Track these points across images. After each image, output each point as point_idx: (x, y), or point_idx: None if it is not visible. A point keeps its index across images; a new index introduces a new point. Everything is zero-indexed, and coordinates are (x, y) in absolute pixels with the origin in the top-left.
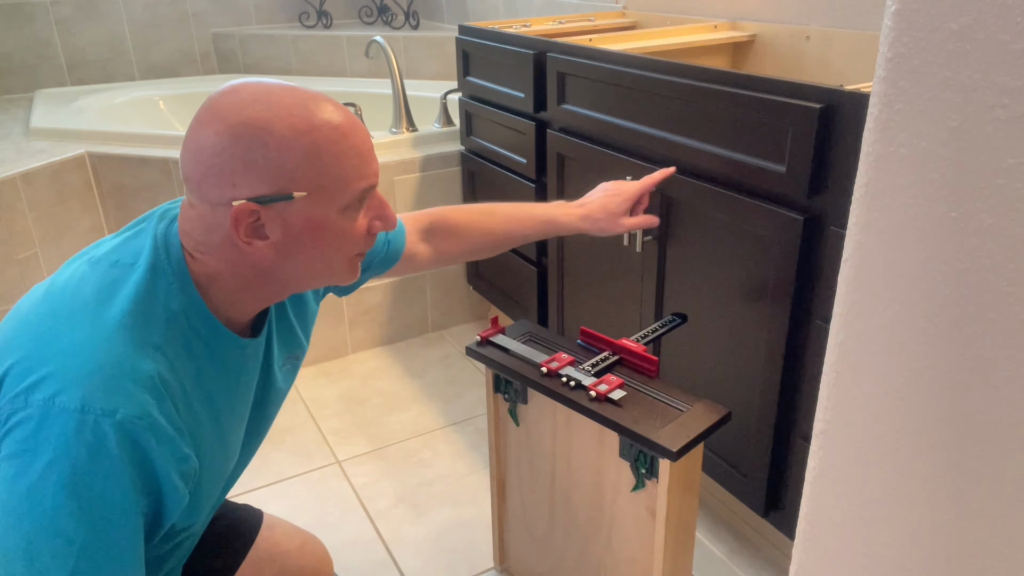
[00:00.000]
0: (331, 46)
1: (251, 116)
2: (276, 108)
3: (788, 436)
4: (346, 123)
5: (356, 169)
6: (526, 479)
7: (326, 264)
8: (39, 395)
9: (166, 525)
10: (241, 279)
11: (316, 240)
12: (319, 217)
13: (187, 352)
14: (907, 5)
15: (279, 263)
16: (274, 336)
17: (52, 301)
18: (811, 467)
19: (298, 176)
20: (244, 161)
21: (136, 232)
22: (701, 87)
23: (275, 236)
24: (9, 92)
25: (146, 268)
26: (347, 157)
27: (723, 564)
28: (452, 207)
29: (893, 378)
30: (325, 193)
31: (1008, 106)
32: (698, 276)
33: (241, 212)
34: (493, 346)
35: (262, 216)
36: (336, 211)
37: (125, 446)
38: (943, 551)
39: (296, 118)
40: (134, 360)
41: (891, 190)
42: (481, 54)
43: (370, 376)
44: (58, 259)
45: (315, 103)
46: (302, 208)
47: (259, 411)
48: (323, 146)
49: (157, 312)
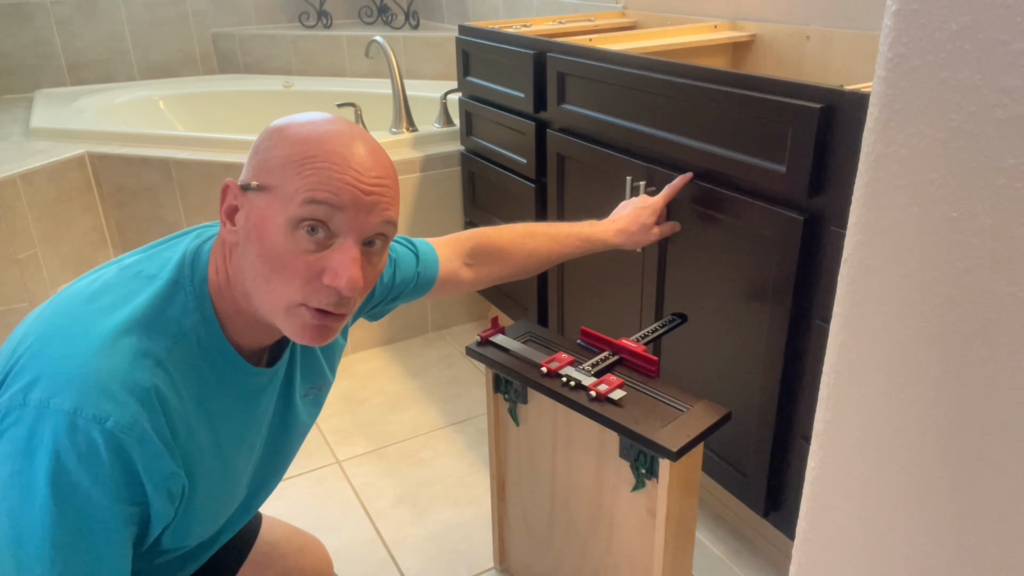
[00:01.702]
0: (331, 46)
1: (287, 122)
2: (305, 121)
3: (788, 436)
4: (343, 152)
5: (315, 185)
6: (526, 479)
7: (267, 284)
8: (35, 395)
9: (150, 538)
10: (239, 290)
11: (259, 244)
12: (266, 218)
13: (192, 371)
14: (907, 5)
15: (237, 263)
16: (297, 368)
17: (70, 302)
18: (811, 467)
19: (272, 171)
20: (253, 151)
21: (170, 244)
22: (701, 87)
23: (239, 224)
24: (9, 92)
25: (166, 282)
26: (316, 172)
27: (723, 564)
28: (491, 228)
29: (893, 378)
30: (281, 196)
31: (1008, 106)
32: (698, 276)
33: (226, 188)
34: (493, 346)
35: (239, 202)
36: (283, 219)
37: (113, 453)
38: (943, 551)
39: (308, 130)
40: (131, 370)
41: (891, 190)
42: (481, 54)
43: (370, 376)
44: (58, 259)
45: (340, 130)
46: (260, 204)
47: (275, 444)
48: (304, 155)
49: (167, 326)
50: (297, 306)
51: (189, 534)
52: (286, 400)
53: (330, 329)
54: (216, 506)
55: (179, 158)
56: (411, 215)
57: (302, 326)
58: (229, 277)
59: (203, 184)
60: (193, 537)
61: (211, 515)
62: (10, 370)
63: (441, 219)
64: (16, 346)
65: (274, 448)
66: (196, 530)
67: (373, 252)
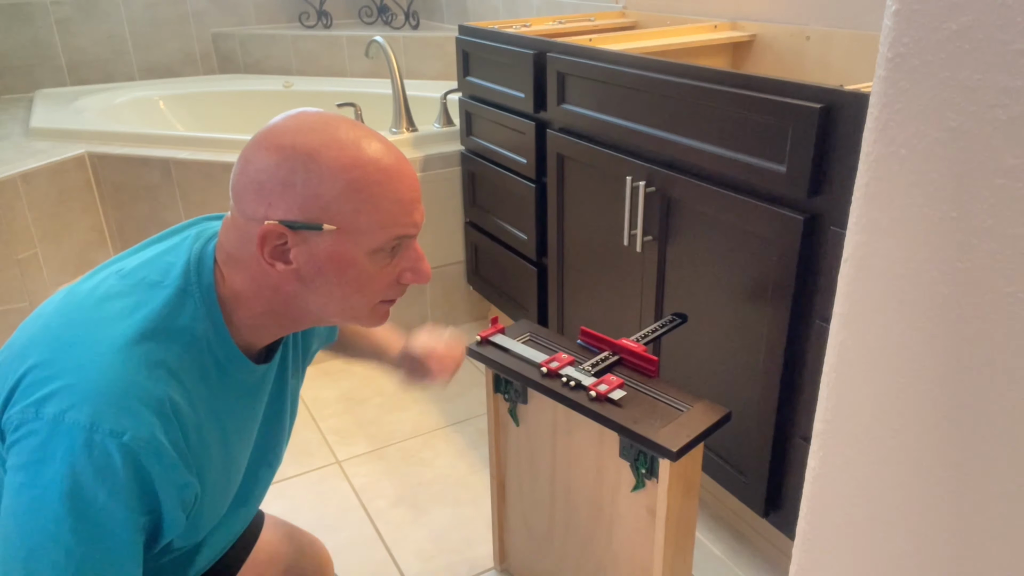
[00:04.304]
0: (331, 46)
1: (303, 142)
2: (328, 139)
3: (788, 436)
4: (394, 167)
5: (392, 216)
6: (526, 479)
7: (347, 303)
8: (50, 408)
9: (162, 543)
10: (264, 301)
11: (339, 276)
12: (345, 255)
13: (202, 377)
14: (907, 5)
15: (299, 291)
16: (290, 353)
17: (74, 309)
18: (811, 467)
19: (332, 209)
20: (284, 183)
21: (169, 247)
22: (701, 87)
23: (298, 263)
24: (9, 92)
25: (175, 290)
26: (386, 201)
27: (723, 564)
28: None
29: (893, 378)
30: (356, 232)
31: (1008, 106)
32: (698, 276)
33: (269, 232)
34: (493, 346)
35: (289, 240)
36: (364, 253)
37: (129, 467)
38: (943, 551)
39: (344, 152)
40: (146, 382)
41: (891, 190)
42: (481, 54)
43: (370, 376)
44: (58, 259)
45: (368, 141)
46: (330, 242)
47: (271, 429)
48: (363, 185)
49: (178, 335)
50: (380, 304)
51: (198, 531)
52: (280, 385)
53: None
54: (220, 502)
55: (179, 158)
56: None
57: (376, 315)
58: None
59: (203, 184)
60: (201, 532)
61: (216, 510)
62: (20, 379)
63: (441, 219)
64: (23, 353)
65: (269, 434)
66: (203, 526)
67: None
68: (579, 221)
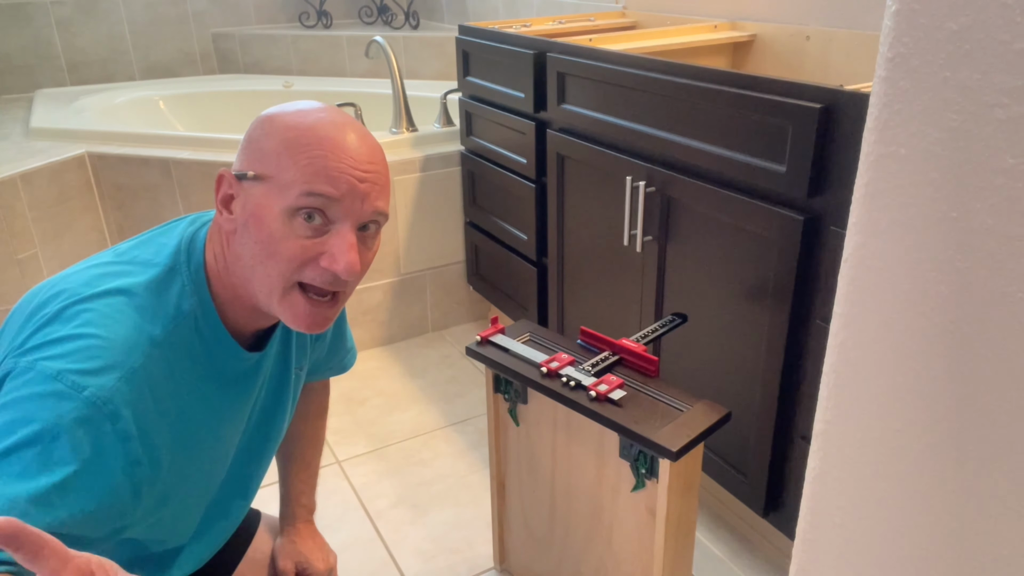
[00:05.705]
0: (331, 46)
1: (277, 111)
2: (295, 108)
3: (788, 436)
4: (336, 138)
5: (308, 175)
6: (526, 479)
7: (263, 269)
8: (29, 357)
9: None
10: (233, 273)
11: (256, 231)
12: (263, 207)
13: (187, 353)
14: (907, 5)
15: (236, 250)
16: (292, 346)
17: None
18: (811, 467)
19: (264, 161)
20: (247, 139)
21: (164, 230)
22: (701, 87)
23: (236, 212)
24: (9, 92)
25: (164, 267)
26: (309, 160)
27: (723, 564)
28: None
29: (893, 378)
30: (277, 186)
31: (1008, 106)
32: (698, 276)
33: (221, 178)
34: (493, 346)
35: (234, 190)
36: (280, 209)
37: (81, 422)
38: (943, 551)
39: (297, 117)
40: (126, 348)
41: (891, 190)
42: (481, 54)
43: (370, 376)
44: (58, 259)
45: (330, 115)
46: (256, 194)
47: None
48: (296, 144)
49: (167, 309)
50: (292, 288)
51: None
52: (280, 379)
53: (325, 317)
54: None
55: (179, 158)
56: (411, 215)
57: (296, 314)
58: (227, 263)
59: (203, 184)
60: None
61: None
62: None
63: (441, 219)
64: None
65: (263, 427)
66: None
67: (368, 236)
68: (579, 221)
